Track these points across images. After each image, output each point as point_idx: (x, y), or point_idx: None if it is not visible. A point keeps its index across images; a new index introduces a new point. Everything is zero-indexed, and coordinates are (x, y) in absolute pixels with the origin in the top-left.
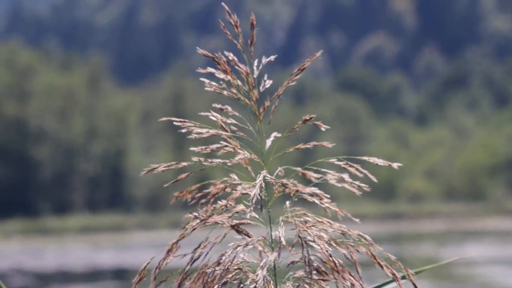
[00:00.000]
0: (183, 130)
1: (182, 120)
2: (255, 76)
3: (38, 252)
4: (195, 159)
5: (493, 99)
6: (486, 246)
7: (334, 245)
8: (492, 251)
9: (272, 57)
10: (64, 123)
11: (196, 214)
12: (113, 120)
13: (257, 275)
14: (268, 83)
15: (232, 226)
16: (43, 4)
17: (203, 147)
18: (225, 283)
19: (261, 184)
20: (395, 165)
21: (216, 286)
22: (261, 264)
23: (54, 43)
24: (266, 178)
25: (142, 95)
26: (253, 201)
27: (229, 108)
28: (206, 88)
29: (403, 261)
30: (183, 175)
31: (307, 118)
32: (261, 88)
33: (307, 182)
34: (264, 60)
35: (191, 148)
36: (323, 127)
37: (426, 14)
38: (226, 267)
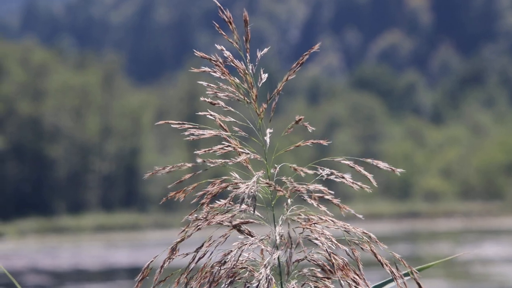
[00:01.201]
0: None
1: (180, 122)
2: (251, 70)
3: (53, 251)
4: (199, 160)
5: (509, 96)
6: (502, 244)
7: (337, 243)
8: (509, 250)
9: (265, 50)
10: (78, 122)
11: (196, 216)
12: (128, 119)
13: (260, 274)
14: (264, 77)
15: (234, 226)
16: (58, 3)
17: (207, 149)
18: (231, 282)
19: (254, 182)
20: (398, 171)
21: (223, 285)
22: (264, 263)
23: (69, 42)
24: (261, 181)
25: (156, 94)
26: (249, 200)
27: (222, 104)
28: (207, 93)
29: (418, 260)
30: (187, 176)
31: (297, 119)
32: (259, 83)
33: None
34: (259, 54)
35: (195, 152)
36: (310, 128)
37: (441, 11)
38: (232, 266)
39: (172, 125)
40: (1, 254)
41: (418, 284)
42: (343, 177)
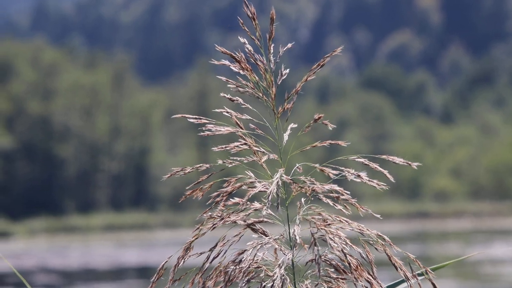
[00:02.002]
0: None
1: (198, 117)
2: (272, 66)
3: (63, 250)
4: (220, 161)
5: None
6: None
7: (351, 244)
8: None
9: (289, 45)
10: (88, 121)
11: (211, 214)
12: (138, 118)
13: (274, 274)
14: (285, 73)
15: (248, 225)
16: (68, 2)
17: (224, 146)
18: (248, 281)
19: (278, 181)
20: (414, 165)
21: (240, 284)
22: (278, 263)
23: (79, 41)
24: (283, 177)
25: (166, 93)
26: (269, 199)
27: (241, 100)
28: (228, 86)
29: (428, 260)
30: (204, 177)
31: (317, 117)
32: (278, 80)
33: (328, 179)
34: (281, 50)
35: (212, 148)
36: (330, 126)
37: (451, 11)
38: (248, 265)
39: (189, 120)
40: (11, 253)
41: (433, 284)
42: (359, 176)
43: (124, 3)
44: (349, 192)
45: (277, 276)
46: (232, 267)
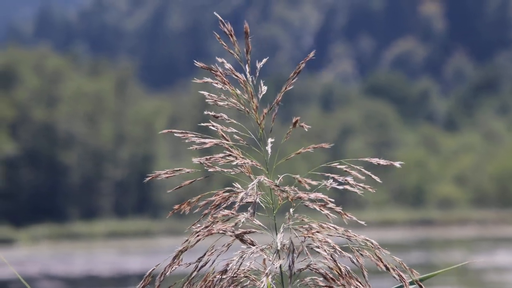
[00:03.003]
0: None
1: (183, 131)
2: (251, 80)
3: (66, 257)
4: (195, 160)
5: None
6: None
7: (340, 250)
8: None
9: (264, 60)
10: (92, 128)
11: (199, 225)
12: (141, 126)
13: (261, 283)
14: (264, 89)
15: (237, 236)
16: (72, 10)
17: (207, 157)
18: None
19: (253, 188)
20: (397, 164)
21: None
22: (266, 272)
23: (83, 49)
24: (265, 182)
25: (170, 100)
26: (238, 205)
27: (225, 116)
28: (206, 101)
29: (432, 268)
30: (187, 182)
31: (294, 121)
32: (259, 95)
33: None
34: (259, 65)
35: (193, 159)
36: (306, 127)
37: (455, 18)
38: (232, 275)
39: (175, 134)
40: (15, 260)
41: (420, 286)
42: (346, 181)
43: (128, 10)
44: (333, 200)
45: (264, 285)
46: (218, 276)
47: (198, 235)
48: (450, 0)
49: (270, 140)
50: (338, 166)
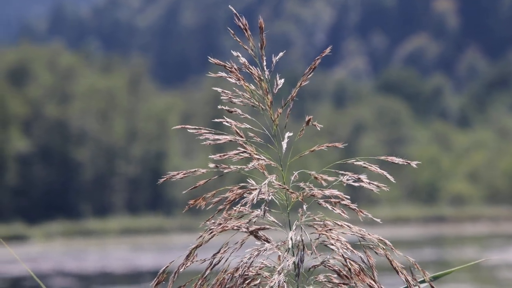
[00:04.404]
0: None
1: (197, 127)
2: (266, 76)
3: (79, 254)
4: (212, 165)
5: None
6: None
7: (352, 249)
8: None
9: (280, 54)
10: (105, 125)
11: (213, 221)
12: (154, 122)
13: (273, 280)
14: (280, 83)
15: (251, 232)
16: (85, 7)
17: (221, 154)
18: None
19: (265, 185)
20: (414, 163)
21: None
22: (278, 269)
23: (95, 45)
24: (273, 182)
25: (182, 97)
26: (253, 202)
27: (239, 111)
28: (221, 98)
29: (445, 264)
30: (202, 182)
31: (307, 120)
32: (274, 89)
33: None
34: (275, 59)
35: (209, 156)
36: (318, 126)
37: (468, 15)
38: (244, 272)
39: (188, 130)
40: (28, 257)
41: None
42: (359, 179)
43: (141, 7)
44: (349, 197)
45: (275, 283)
46: (230, 274)
47: (212, 231)
48: None
49: (287, 134)
50: (353, 164)
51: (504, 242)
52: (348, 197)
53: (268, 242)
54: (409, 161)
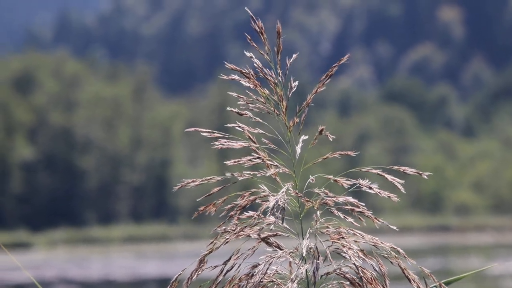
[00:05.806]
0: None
1: (210, 131)
2: (282, 80)
3: (83, 261)
4: (228, 174)
5: None
6: None
7: (365, 257)
8: None
9: (294, 56)
10: (110, 133)
11: (225, 228)
12: (159, 130)
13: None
14: (295, 85)
15: (263, 239)
16: (90, 15)
17: (237, 159)
18: None
19: (283, 193)
20: (425, 174)
21: None
22: (291, 277)
23: (101, 53)
24: (290, 190)
25: (187, 105)
26: (274, 211)
27: (250, 114)
28: (238, 103)
29: (449, 274)
30: (215, 189)
31: (320, 129)
32: (288, 93)
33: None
34: (288, 62)
35: (224, 162)
36: (330, 137)
37: (474, 25)
38: (259, 279)
39: (202, 133)
40: (32, 264)
41: None
42: (370, 187)
43: (146, 15)
44: (364, 204)
45: None
46: (245, 281)
47: (226, 239)
48: (468, 6)
49: (303, 137)
50: (361, 172)
51: (509, 252)
52: (363, 204)
53: (280, 249)
54: (420, 172)
